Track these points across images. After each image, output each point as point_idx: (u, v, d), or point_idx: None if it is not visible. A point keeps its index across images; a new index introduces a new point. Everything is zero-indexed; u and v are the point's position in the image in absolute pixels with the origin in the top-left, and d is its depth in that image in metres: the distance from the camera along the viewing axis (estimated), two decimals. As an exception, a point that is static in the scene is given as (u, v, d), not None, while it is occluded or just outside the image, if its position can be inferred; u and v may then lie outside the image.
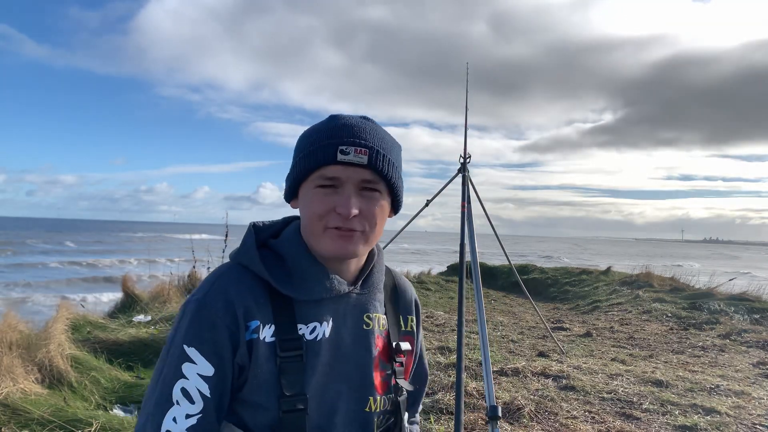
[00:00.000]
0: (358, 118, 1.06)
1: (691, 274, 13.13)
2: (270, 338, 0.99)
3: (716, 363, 6.28)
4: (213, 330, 0.96)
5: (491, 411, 3.16)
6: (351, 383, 1.07)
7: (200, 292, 1.01)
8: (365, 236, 1.03)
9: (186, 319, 0.99)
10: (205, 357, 0.96)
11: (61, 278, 20.63)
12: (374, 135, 1.03)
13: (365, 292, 1.12)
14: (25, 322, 5.18)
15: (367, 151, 1.00)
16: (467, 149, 4.18)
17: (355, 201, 1.00)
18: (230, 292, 0.99)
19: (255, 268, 1.03)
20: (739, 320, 8.58)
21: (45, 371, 4.41)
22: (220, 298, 0.98)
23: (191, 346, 0.96)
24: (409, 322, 1.23)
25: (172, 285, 8.45)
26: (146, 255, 27.96)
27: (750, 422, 4.27)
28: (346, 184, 1.00)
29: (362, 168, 1.00)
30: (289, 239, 1.08)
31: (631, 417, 4.38)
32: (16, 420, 3.58)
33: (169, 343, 1.00)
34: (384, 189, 1.04)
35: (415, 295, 1.29)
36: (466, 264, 3.80)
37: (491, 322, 8.69)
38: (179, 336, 0.98)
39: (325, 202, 1.00)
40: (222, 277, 1.03)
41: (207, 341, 0.96)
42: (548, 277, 14.73)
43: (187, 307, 1.00)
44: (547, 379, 5.34)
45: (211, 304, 0.98)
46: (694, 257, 69.32)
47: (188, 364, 0.95)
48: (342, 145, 0.99)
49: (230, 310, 0.97)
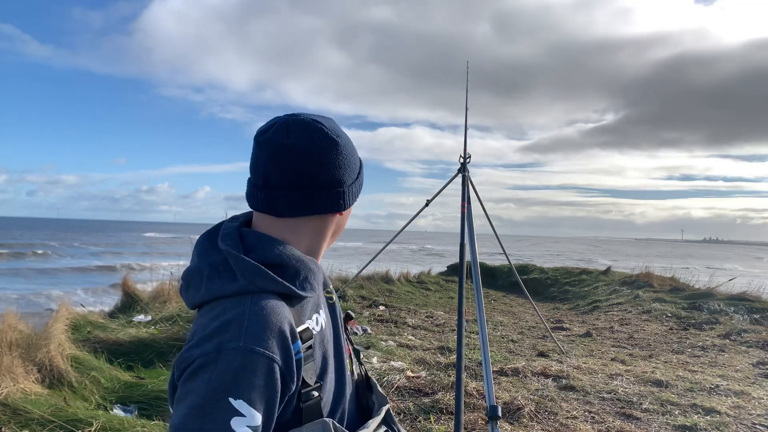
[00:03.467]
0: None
1: (691, 273, 13.14)
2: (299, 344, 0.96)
3: (716, 363, 6.28)
4: (265, 378, 0.87)
5: (491, 411, 3.17)
6: (340, 356, 1.10)
7: (238, 336, 0.88)
8: None
9: (224, 369, 0.85)
10: (253, 407, 0.86)
11: (69, 278, 20.65)
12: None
13: (321, 268, 1.11)
14: (26, 322, 5.19)
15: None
16: (467, 149, 4.18)
17: None
18: (284, 328, 0.91)
19: (277, 287, 0.95)
20: (739, 320, 8.58)
21: (45, 371, 4.41)
22: (269, 336, 0.89)
23: (239, 399, 0.85)
24: (332, 294, 1.22)
25: (172, 285, 8.45)
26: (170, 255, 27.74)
27: (750, 422, 4.27)
28: None
29: None
30: (273, 244, 0.99)
31: (631, 417, 4.38)
32: (16, 420, 3.58)
33: (200, 401, 0.85)
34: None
35: None
36: (466, 264, 3.80)
37: (491, 322, 8.69)
38: (221, 390, 0.85)
39: None
40: (255, 313, 0.90)
41: (257, 389, 0.86)
42: (548, 277, 14.74)
43: (220, 355, 0.86)
44: (547, 379, 5.34)
45: (260, 350, 0.87)
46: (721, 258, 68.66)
47: (237, 419, 0.85)
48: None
49: (283, 346, 0.90)
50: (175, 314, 6.88)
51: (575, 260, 40.54)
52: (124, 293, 8.31)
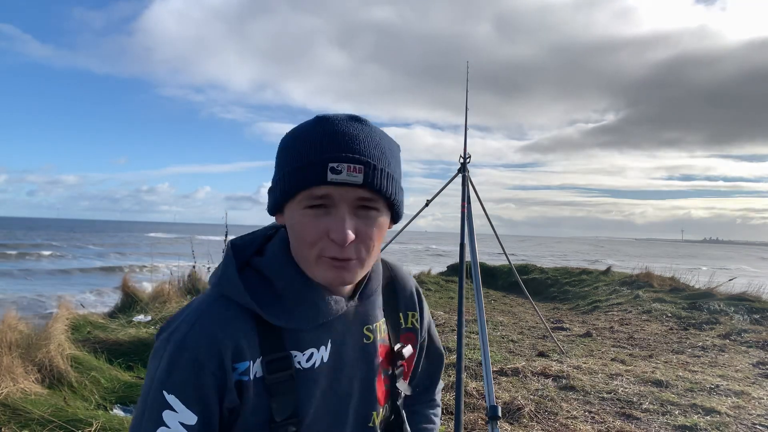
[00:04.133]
0: (348, 120, 0.90)
1: (697, 274, 13.13)
2: (261, 372, 0.89)
3: (716, 363, 6.27)
4: (195, 376, 0.86)
5: (491, 411, 3.16)
6: (354, 403, 0.99)
7: (181, 330, 0.88)
8: (362, 262, 0.90)
9: (165, 362, 0.87)
10: (186, 405, 0.85)
11: (70, 279, 20.63)
12: (369, 144, 0.87)
13: (363, 302, 1.01)
14: (25, 322, 5.19)
15: (362, 168, 0.85)
16: (467, 149, 4.18)
17: (350, 224, 0.86)
18: (216, 335, 0.87)
19: (241, 300, 0.90)
20: (739, 320, 8.58)
21: (45, 371, 4.41)
22: (204, 341, 0.86)
23: (171, 393, 0.85)
24: (409, 318, 1.14)
25: (172, 285, 8.45)
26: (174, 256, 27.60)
27: (750, 422, 4.27)
28: (340, 204, 0.86)
29: (357, 187, 0.85)
30: (276, 258, 0.94)
31: (631, 417, 4.38)
32: (16, 420, 3.58)
33: (149, 382, 0.89)
34: (382, 205, 0.90)
35: (415, 284, 1.18)
36: (466, 264, 3.80)
37: (491, 322, 8.69)
38: (158, 380, 0.87)
39: (316, 227, 0.86)
40: (205, 316, 0.89)
41: (189, 387, 0.86)
42: (548, 277, 14.73)
43: (166, 347, 0.88)
44: (547, 379, 5.34)
45: (192, 347, 0.86)
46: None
47: (169, 412, 0.85)
48: (333, 162, 0.84)
49: (216, 355, 0.86)
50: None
51: (582, 260, 40.15)
52: (124, 293, 8.32)
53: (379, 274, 1.07)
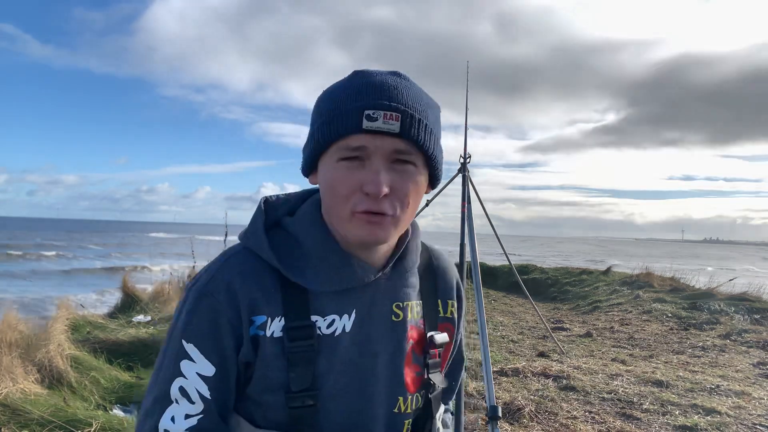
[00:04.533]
0: (388, 74, 0.87)
1: (699, 274, 13.13)
2: (279, 332, 0.87)
3: (716, 363, 6.27)
4: (214, 325, 0.86)
5: (491, 411, 3.16)
6: (377, 382, 0.93)
7: (202, 279, 0.89)
8: (396, 220, 0.86)
9: (185, 311, 0.88)
10: (204, 355, 0.85)
11: (70, 279, 20.62)
12: (408, 95, 0.85)
13: (395, 277, 0.96)
14: (25, 322, 5.18)
15: (399, 116, 0.82)
16: (468, 149, 4.17)
17: (385, 177, 0.82)
18: (234, 283, 0.86)
19: (264, 255, 0.89)
20: (740, 320, 8.57)
21: (45, 371, 4.41)
22: (222, 288, 0.86)
23: (190, 342, 0.86)
24: (449, 307, 1.06)
25: (172, 285, 8.45)
26: (177, 256, 27.40)
27: (750, 422, 4.26)
28: (374, 156, 0.83)
29: (394, 137, 0.82)
30: (306, 219, 0.93)
31: (632, 417, 4.38)
32: (16, 420, 3.57)
33: (169, 334, 0.89)
34: (420, 161, 0.86)
35: (457, 274, 1.12)
36: (466, 264, 3.80)
37: (491, 322, 8.69)
38: (178, 329, 0.87)
39: (350, 180, 0.83)
40: (226, 264, 0.89)
41: (207, 337, 0.86)
42: (548, 277, 14.72)
43: (189, 294, 0.89)
44: (548, 379, 5.34)
45: (212, 295, 0.86)
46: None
47: (187, 362, 0.86)
48: (368, 109, 0.81)
49: (233, 304, 0.86)
50: (175, 314, 6.88)
51: (587, 261, 39.71)
52: (124, 293, 8.32)
53: (417, 252, 1.01)
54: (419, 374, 0.98)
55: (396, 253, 0.96)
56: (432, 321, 1.02)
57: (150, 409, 0.87)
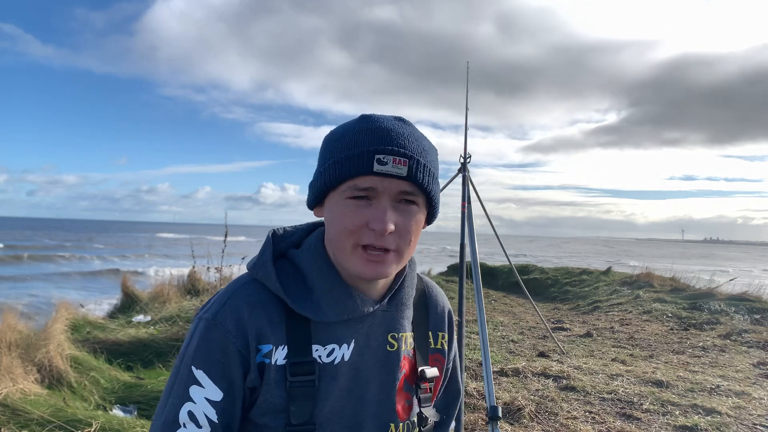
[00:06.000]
0: (394, 120, 0.96)
1: (691, 273, 13.12)
2: (282, 360, 0.93)
3: (717, 363, 6.27)
4: (223, 353, 0.92)
5: (491, 411, 3.16)
6: (370, 409, 1.00)
7: (212, 309, 0.95)
8: (398, 255, 0.94)
9: (195, 339, 0.94)
10: (213, 381, 0.91)
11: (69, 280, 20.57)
12: (413, 141, 0.93)
13: (392, 309, 1.03)
14: (25, 323, 5.18)
15: (406, 161, 0.89)
16: (468, 149, 4.17)
17: (391, 215, 0.90)
18: (243, 313, 0.93)
19: (271, 286, 0.95)
20: (740, 320, 8.57)
21: (44, 371, 4.41)
22: (232, 318, 0.92)
23: (199, 369, 0.92)
24: (439, 339, 1.13)
25: (172, 285, 8.45)
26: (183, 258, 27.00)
27: (750, 422, 4.26)
28: (382, 196, 0.90)
29: (400, 179, 0.90)
30: (311, 251, 0.99)
31: (632, 417, 4.37)
32: (16, 420, 3.57)
33: (179, 360, 0.95)
34: (422, 201, 0.95)
35: (449, 305, 1.19)
36: (466, 264, 3.80)
37: (491, 322, 8.68)
38: (188, 356, 0.93)
39: (357, 216, 0.90)
40: (236, 295, 0.95)
41: (216, 364, 0.92)
42: (548, 277, 14.72)
43: (198, 324, 0.95)
44: (548, 379, 5.34)
45: (222, 324, 0.92)
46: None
47: (196, 387, 0.91)
48: (379, 154, 0.89)
49: (242, 333, 0.92)
50: (175, 314, 6.88)
51: (608, 261, 39.21)
52: (124, 293, 8.32)
53: (413, 286, 1.08)
54: (409, 402, 1.04)
55: (394, 285, 1.03)
56: (423, 352, 1.08)
57: (160, 431, 0.93)
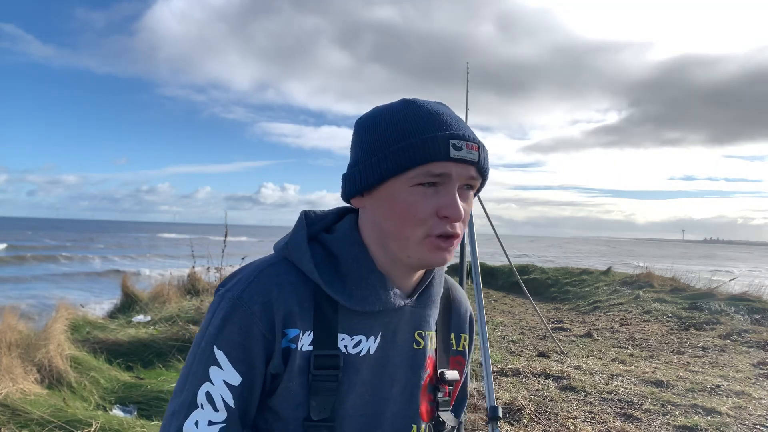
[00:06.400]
0: (442, 105, 0.92)
1: (692, 273, 13.11)
2: (308, 347, 0.88)
3: (717, 363, 6.26)
4: (246, 336, 0.86)
5: (491, 411, 3.15)
6: (394, 407, 0.95)
7: (238, 287, 0.89)
8: (459, 241, 0.91)
9: (219, 317, 0.88)
10: (232, 364, 0.86)
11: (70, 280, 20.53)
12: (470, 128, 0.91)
13: (420, 305, 0.98)
14: (25, 323, 5.18)
15: (477, 147, 0.87)
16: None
17: (461, 202, 0.87)
18: (272, 294, 0.87)
19: (304, 268, 0.90)
20: (740, 320, 8.57)
21: (44, 371, 4.40)
22: (259, 299, 0.87)
23: (220, 350, 0.87)
24: (461, 341, 1.09)
25: (172, 285, 8.44)
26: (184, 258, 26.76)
27: (750, 423, 4.26)
28: (453, 182, 0.86)
29: (470, 165, 0.87)
30: (347, 238, 0.93)
31: (632, 417, 4.37)
32: (16, 420, 3.57)
33: (200, 338, 0.90)
34: (477, 187, 0.92)
35: (470, 308, 1.15)
36: (467, 264, 3.79)
37: (491, 322, 8.68)
38: (210, 334, 0.88)
39: (427, 204, 0.85)
40: (264, 274, 0.89)
41: (237, 347, 0.86)
42: (548, 277, 14.71)
43: (222, 301, 0.89)
44: (548, 379, 5.34)
45: (247, 304, 0.87)
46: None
47: (215, 368, 0.87)
48: (454, 139, 0.85)
49: (268, 315, 0.86)
50: (175, 314, 6.87)
51: (607, 261, 39.03)
52: (124, 294, 8.31)
53: (442, 284, 1.05)
54: (432, 404, 1.00)
55: (424, 281, 0.99)
56: (445, 353, 1.04)
57: (177, 411, 0.89)
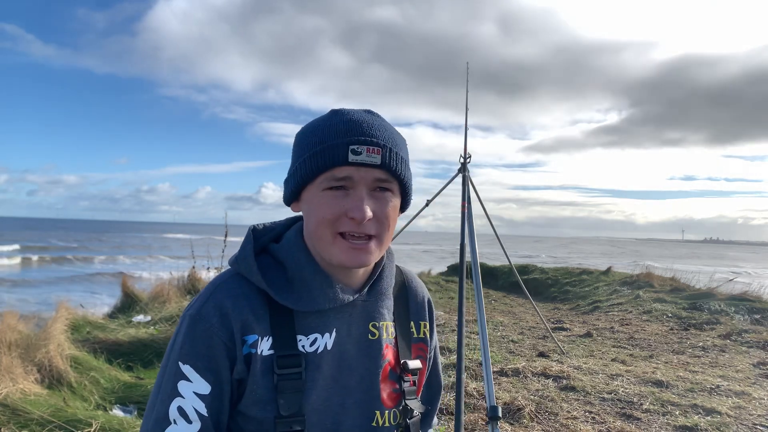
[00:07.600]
0: (364, 112, 0.99)
1: (691, 273, 13.12)
2: (268, 351, 0.95)
3: (717, 363, 6.27)
4: (209, 346, 0.93)
5: (491, 411, 3.16)
6: (355, 396, 1.02)
7: (196, 305, 0.97)
8: (379, 241, 0.97)
9: (181, 335, 0.95)
10: (200, 374, 0.93)
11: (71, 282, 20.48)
12: (384, 131, 0.97)
13: (372, 299, 1.05)
14: (25, 323, 5.17)
15: (380, 150, 0.93)
16: (468, 149, 4.17)
17: (368, 203, 0.93)
18: (226, 306, 0.95)
19: (253, 279, 0.98)
20: (740, 320, 8.57)
21: (44, 371, 4.40)
22: (216, 312, 0.94)
23: (186, 364, 0.93)
24: (421, 328, 1.15)
25: (172, 285, 8.44)
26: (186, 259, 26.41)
27: (750, 422, 4.26)
28: (359, 185, 0.93)
29: (375, 168, 0.93)
30: (291, 244, 1.01)
31: (632, 417, 4.37)
32: (16, 420, 3.57)
33: (167, 357, 0.97)
34: (396, 188, 0.98)
35: (428, 295, 1.21)
36: (466, 264, 3.79)
37: (491, 322, 8.68)
38: (175, 352, 0.95)
39: (335, 206, 0.93)
40: (219, 289, 0.98)
41: (202, 357, 0.93)
42: (548, 277, 14.72)
43: (184, 320, 0.97)
44: (548, 379, 5.34)
45: (206, 318, 0.94)
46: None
47: (184, 382, 0.93)
48: (353, 144, 0.92)
49: (227, 326, 0.94)
50: (175, 314, 6.87)
51: (616, 262, 38.69)
52: (124, 294, 8.31)
53: (392, 276, 1.10)
54: (396, 391, 1.07)
55: (372, 275, 1.06)
56: (406, 342, 1.11)
57: (151, 429, 0.94)
